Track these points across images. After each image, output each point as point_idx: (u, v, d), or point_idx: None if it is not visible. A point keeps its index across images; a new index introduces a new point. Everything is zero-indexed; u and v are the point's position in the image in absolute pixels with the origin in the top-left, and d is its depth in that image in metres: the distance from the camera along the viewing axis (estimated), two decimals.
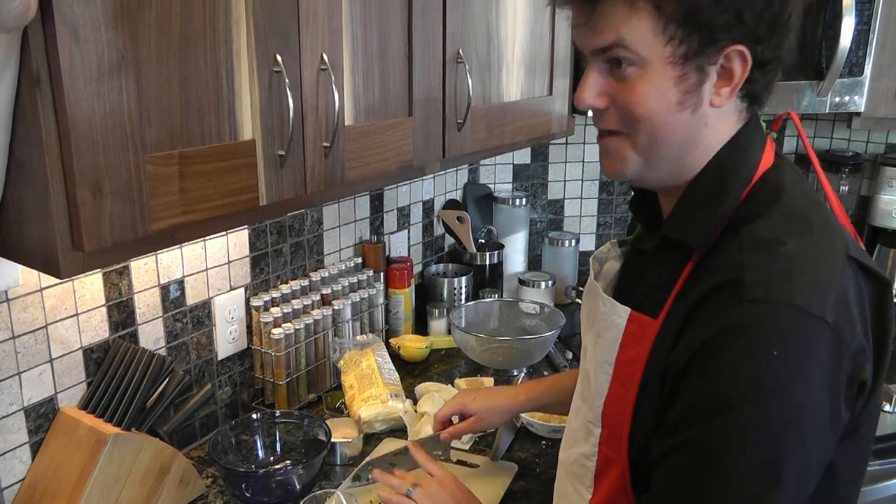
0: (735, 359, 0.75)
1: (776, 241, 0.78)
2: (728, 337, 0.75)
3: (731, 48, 0.80)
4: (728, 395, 0.75)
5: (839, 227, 0.84)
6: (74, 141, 0.79)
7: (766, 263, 0.77)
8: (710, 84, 0.83)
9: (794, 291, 0.74)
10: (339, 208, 1.84)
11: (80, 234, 0.82)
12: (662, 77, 0.81)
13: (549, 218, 2.51)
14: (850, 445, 0.83)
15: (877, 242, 2.34)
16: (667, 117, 0.83)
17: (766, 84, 0.85)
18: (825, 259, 0.78)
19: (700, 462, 0.77)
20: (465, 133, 1.47)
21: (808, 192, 0.87)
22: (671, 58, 0.80)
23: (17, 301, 1.16)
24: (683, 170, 0.89)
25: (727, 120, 0.87)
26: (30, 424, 1.22)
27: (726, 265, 0.79)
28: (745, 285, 0.75)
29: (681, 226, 0.87)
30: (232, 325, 1.58)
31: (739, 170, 0.86)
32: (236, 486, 1.33)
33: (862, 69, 1.95)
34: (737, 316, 0.75)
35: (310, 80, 1.07)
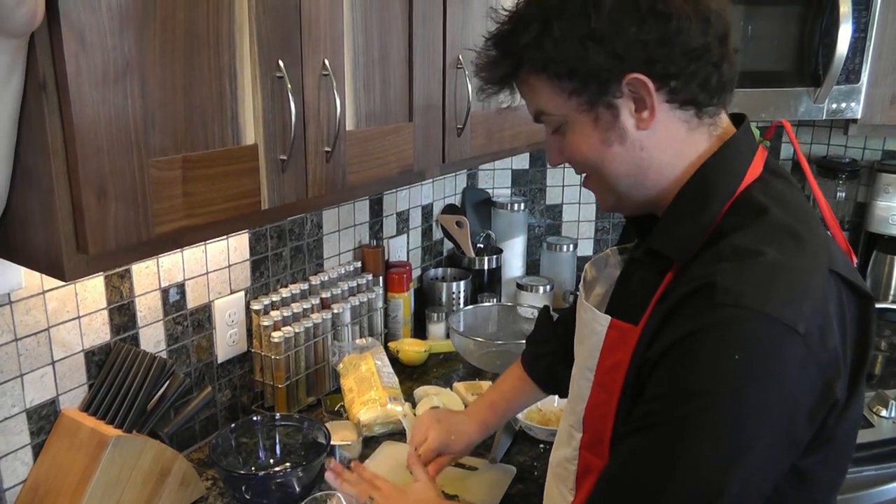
0: (698, 357, 0.76)
1: (754, 251, 0.79)
2: (696, 337, 0.77)
3: (627, 78, 0.83)
4: (685, 389, 0.77)
5: (826, 241, 0.84)
6: (80, 146, 0.80)
7: (741, 271, 0.78)
8: (629, 113, 0.86)
9: (767, 300, 0.75)
10: (339, 213, 1.85)
11: (85, 238, 0.83)
12: (582, 125, 0.89)
13: (548, 223, 2.52)
14: (826, 454, 0.83)
15: (873, 249, 2.36)
16: (599, 156, 0.90)
17: (700, 86, 0.85)
18: (804, 270, 0.79)
19: (651, 447, 0.80)
20: (464, 138, 1.48)
21: (797, 203, 0.87)
22: (580, 107, 0.87)
23: (19, 304, 1.17)
24: (653, 191, 0.91)
25: (671, 134, 0.87)
26: (32, 426, 1.23)
27: (703, 272, 0.80)
28: (717, 290, 0.76)
29: (664, 237, 0.89)
30: (232, 329, 1.58)
31: (721, 182, 0.86)
32: (236, 488, 1.34)
33: (859, 76, 1.96)
34: (706, 318, 0.76)
35: (311, 85, 1.08)
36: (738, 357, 0.74)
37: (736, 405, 0.75)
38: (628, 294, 0.95)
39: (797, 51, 1.95)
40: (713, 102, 0.87)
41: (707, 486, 0.75)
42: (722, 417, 0.75)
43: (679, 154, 0.89)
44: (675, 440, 0.77)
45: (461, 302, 2.16)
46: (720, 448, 0.75)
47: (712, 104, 0.87)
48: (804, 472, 0.83)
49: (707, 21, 0.83)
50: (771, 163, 0.91)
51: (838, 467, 0.89)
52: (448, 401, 1.69)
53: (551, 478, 1.08)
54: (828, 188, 2.42)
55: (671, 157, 0.89)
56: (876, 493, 1.71)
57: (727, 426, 0.75)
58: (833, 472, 0.88)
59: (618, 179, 0.91)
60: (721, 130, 0.90)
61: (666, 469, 0.77)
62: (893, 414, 1.74)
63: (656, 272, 0.88)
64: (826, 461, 0.85)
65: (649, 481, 0.79)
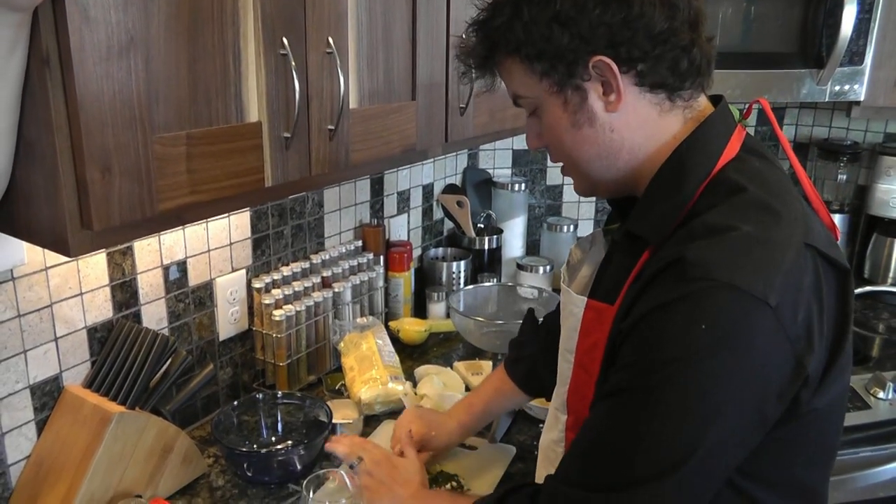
0: (666, 327, 0.78)
1: (726, 227, 0.79)
2: (664, 309, 0.78)
3: (592, 60, 0.85)
4: (652, 359, 0.78)
5: (804, 216, 0.85)
6: (84, 121, 0.79)
7: (712, 246, 0.79)
8: (597, 96, 0.88)
9: (735, 272, 0.76)
10: (340, 191, 1.85)
11: (90, 214, 0.83)
12: (553, 107, 0.91)
13: (548, 203, 2.52)
14: (804, 426, 0.84)
15: (873, 231, 2.36)
16: (570, 138, 0.92)
17: (669, 70, 0.86)
18: (778, 244, 0.79)
19: (621, 413, 0.81)
20: (467, 117, 1.47)
21: (774, 180, 0.87)
22: (550, 89, 0.89)
23: (22, 280, 1.17)
24: (627, 174, 0.93)
25: (641, 116, 0.89)
26: (35, 402, 1.23)
27: (675, 250, 0.81)
28: (686, 264, 0.77)
29: (640, 219, 0.90)
30: (233, 307, 1.59)
31: (696, 163, 0.87)
32: (238, 465, 1.35)
33: (862, 58, 1.95)
34: (675, 291, 0.78)
35: (315, 63, 1.08)
36: (704, 327, 0.75)
37: (702, 374, 0.76)
38: (608, 276, 0.97)
39: (800, 32, 1.94)
40: (685, 86, 0.88)
41: (673, 453, 0.77)
42: (688, 386, 0.76)
43: (650, 136, 0.90)
44: (642, 407, 0.79)
45: (461, 282, 2.16)
46: (686, 416, 0.76)
47: (684, 88, 0.88)
48: (780, 441, 0.83)
49: (673, 6, 0.84)
50: (749, 142, 0.92)
51: (821, 442, 0.89)
52: (448, 380, 1.70)
53: (541, 461, 1.09)
54: (829, 170, 2.42)
55: (642, 140, 0.90)
56: (872, 474, 1.73)
57: (693, 395, 0.76)
58: (814, 446, 0.88)
59: (590, 162, 0.93)
60: (697, 113, 0.91)
61: (634, 434, 0.79)
62: (890, 395, 1.75)
63: (633, 254, 0.89)
64: (805, 433, 0.85)
65: (618, 445, 0.81)
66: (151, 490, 1.27)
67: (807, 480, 0.90)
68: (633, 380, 0.80)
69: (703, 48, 0.88)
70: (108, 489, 1.20)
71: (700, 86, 0.90)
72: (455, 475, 1.36)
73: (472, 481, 1.36)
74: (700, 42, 0.87)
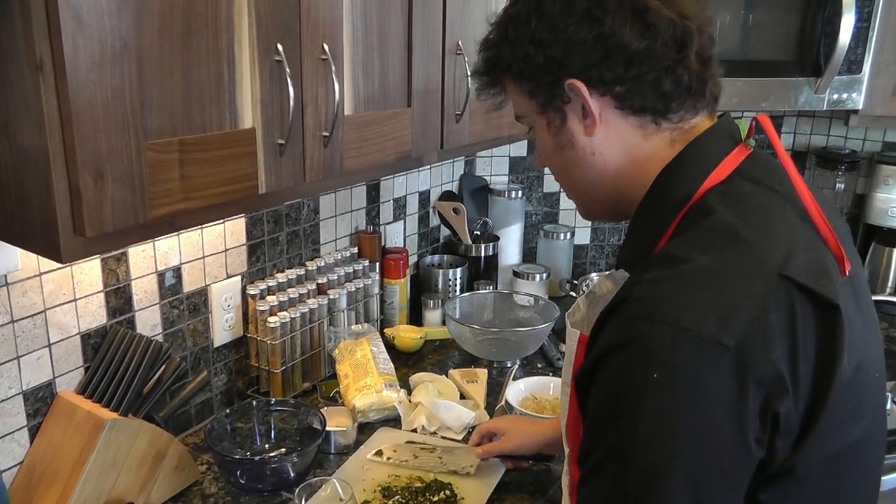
0: (616, 376, 0.73)
1: (681, 259, 0.74)
2: (610, 356, 0.73)
3: (567, 83, 0.84)
4: (609, 418, 0.73)
5: (786, 243, 0.76)
6: (77, 126, 0.79)
7: (660, 281, 0.73)
8: (577, 119, 0.87)
9: (683, 311, 0.69)
10: (336, 198, 1.84)
11: (82, 220, 0.83)
12: (541, 129, 0.92)
13: (545, 210, 2.52)
14: (789, 489, 0.75)
15: (871, 241, 2.36)
16: (556, 160, 0.92)
17: (652, 92, 0.83)
18: (741, 276, 0.72)
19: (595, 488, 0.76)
20: (463, 124, 1.47)
21: (761, 206, 0.80)
22: (537, 109, 0.90)
23: (16, 285, 1.17)
24: (617, 198, 0.91)
25: (623, 140, 0.86)
26: (28, 408, 1.23)
27: (630, 283, 0.77)
28: (632, 302, 0.73)
29: (626, 249, 0.89)
30: (228, 313, 1.58)
31: (675, 188, 0.83)
32: (231, 472, 1.34)
33: (861, 66, 1.95)
34: (621, 334, 0.73)
35: (310, 69, 1.08)
36: (655, 376, 0.69)
37: (660, 432, 0.69)
38: None
39: (798, 40, 1.94)
40: (672, 108, 0.84)
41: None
42: (646, 447, 0.70)
43: (635, 160, 0.87)
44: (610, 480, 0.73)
45: (457, 289, 2.16)
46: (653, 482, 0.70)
47: (671, 110, 0.84)
48: None
49: (650, 26, 0.81)
50: (747, 165, 0.85)
51: None
52: (443, 388, 1.70)
53: (564, 490, 1.07)
54: (827, 179, 2.42)
55: (626, 164, 0.88)
56: None
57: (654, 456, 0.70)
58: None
59: (578, 184, 0.93)
60: (688, 134, 0.86)
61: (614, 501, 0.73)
62: (889, 406, 1.74)
63: None
64: (789, 497, 0.76)
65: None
66: (144, 497, 1.26)
67: None
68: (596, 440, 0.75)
69: (693, 67, 0.83)
70: (101, 496, 1.19)
71: (693, 107, 0.86)
72: (449, 483, 1.36)
73: (466, 490, 1.35)
74: (688, 62, 0.82)
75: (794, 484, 0.75)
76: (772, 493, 0.74)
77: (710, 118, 0.89)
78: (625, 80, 0.82)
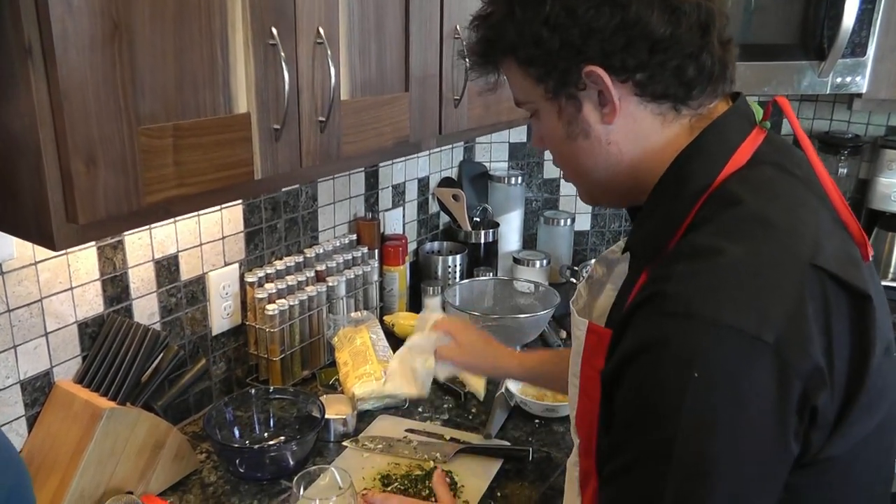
0: (653, 377, 0.70)
1: (713, 250, 0.71)
2: (646, 353, 0.71)
3: (585, 69, 0.79)
4: (646, 420, 0.71)
5: (817, 232, 0.75)
6: (67, 112, 0.78)
7: (695, 274, 0.71)
8: (592, 107, 0.82)
9: (721, 306, 0.67)
10: (334, 185, 1.83)
11: (75, 207, 0.81)
12: (549, 115, 0.86)
13: (545, 197, 2.50)
14: (821, 475, 0.75)
15: (874, 226, 2.35)
16: (565, 149, 0.88)
17: (674, 78, 0.79)
18: (774, 268, 0.70)
19: (628, 488, 0.74)
20: (461, 109, 1.46)
21: (785, 191, 0.78)
22: (546, 95, 0.85)
23: (11, 274, 1.16)
24: (630, 186, 0.87)
25: (641, 129, 0.83)
26: (26, 398, 1.22)
27: (658, 276, 0.74)
28: (666, 298, 0.70)
29: (636, 234, 0.86)
30: (226, 301, 1.57)
31: (694, 174, 0.80)
32: (230, 461, 1.34)
33: (865, 50, 1.93)
34: (654, 331, 0.70)
35: (305, 53, 1.06)
36: (696, 375, 0.67)
37: (702, 436, 0.68)
38: (620, 295, 0.91)
39: (802, 23, 1.92)
40: (693, 95, 0.81)
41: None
42: (687, 448, 0.68)
43: (652, 150, 0.84)
44: (645, 480, 0.71)
45: (457, 276, 2.15)
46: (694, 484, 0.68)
47: (692, 97, 0.81)
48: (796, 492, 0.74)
49: (676, 10, 0.77)
50: (765, 149, 0.82)
51: (847, 491, 0.78)
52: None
53: (567, 480, 1.05)
54: (829, 164, 2.40)
55: (642, 153, 0.84)
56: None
57: (694, 457, 0.68)
58: (838, 496, 0.78)
59: (587, 174, 0.89)
60: (706, 119, 0.83)
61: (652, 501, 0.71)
62: None
63: (635, 272, 0.84)
64: (822, 484, 0.75)
65: None
66: (143, 486, 1.26)
67: None
68: (630, 449, 0.73)
69: (716, 52, 0.80)
70: (99, 485, 1.19)
71: (713, 92, 0.83)
72: (449, 471, 1.35)
73: (466, 477, 1.35)
74: (711, 47, 0.79)
75: (821, 470, 0.74)
76: (797, 477, 0.73)
77: (725, 100, 0.86)
78: (647, 67, 0.78)
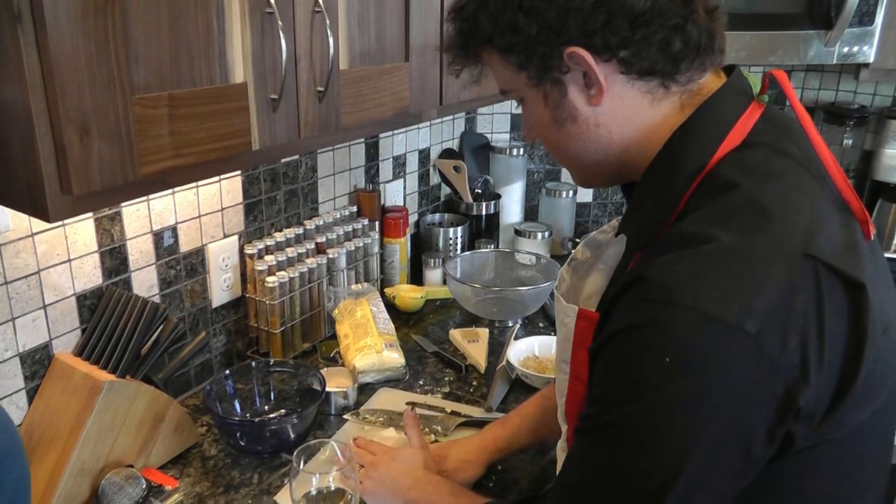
0: (630, 356, 0.70)
1: (703, 237, 0.70)
2: (627, 335, 0.71)
3: (567, 51, 0.78)
4: (618, 390, 0.72)
5: (810, 218, 0.73)
6: (59, 81, 0.76)
7: (678, 261, 0.70)
8: (578, 89, 0.81)
9: (702, 294, 0.66)
10: (334, 156, 1.81)
11: (69, 177, 0.80)
12: (535, 102, 0.85)
13: (547, 168, 2.48)
14: (813, 461, 0.74)
15: (878, 197, 2.33)
16: (554, 135, 0.86)
17: (661, 53, 0.77)
18: (763, 258, 0.69)
19: (590, 452, 0.76)
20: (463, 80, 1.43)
21: (779, 174, 0.76)
22: (530, 82, 0.83)
23: (8, 246, 1.15)
24: (621, 166, 0.86)
25: (630, 108, 0.81)
26: (25, 370, 1.22)
27: (645, 262, 0.73)
28: (648, 284, 0.70)
29: (629, 220, 0.84)
30: (226, 273, 1.56)
31: (687, 157, 0.78)
32: (231, 434, 1.33)
33: (873, 18, 1.89)
34: (637, 315, 0.70)
35: (303, 22, 1.04)
36: (668, 359, 0.66)
37: (669, 410, 0.68)
38: (615, 278, 0.90)
39: None
40: (681, 69, 0.79)
41: (645, 494, 0.70)
42: (655, 422, 0.68)
43: (642, 128, 0.82)
44: (610, 444, 0.73)
45: (458, 248, 2.14)
46: (657, 453, 0.69)
47: (680, 71, 0.79)
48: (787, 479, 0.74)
49: None
50: (762, 126, 0.80)
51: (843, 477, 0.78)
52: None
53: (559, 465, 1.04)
54: (834, 135, 2.37)
55: (632, 132, 0.82)
56: None
57: (662, 431, 0.68)
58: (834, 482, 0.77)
59: (578, 157, 0.87)
60: (697, 97, 0.81)
61: (605, 473, 0.73)
62: None
63: (628, 254, 0.83)
64: (813, 470, 0.75)
65: (592, 485, 0.75)
66: (143, 460, 1.26)
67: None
68: (602, 415, 0.73)
69: (702, 22, 0.78)
70: (99, 458, 1.19)
71: (702, 65, 0.80)
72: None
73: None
74: (696, 16, 0.77)
75: (817, 455, 0.73)
76: (793, 464, 0.73)
77: (717, 74, 0.84)
78: (630, 44, 0.76)
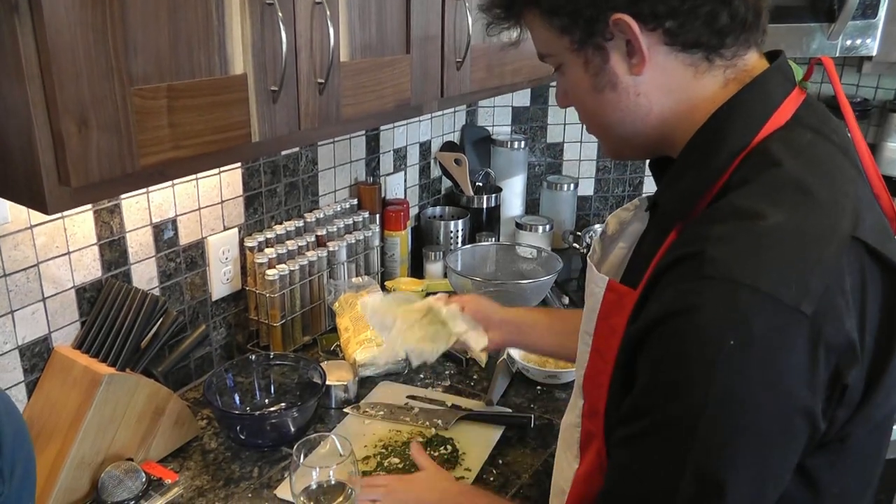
0: (685, 344, 0.68)
1: (755, 213, 0.69)
2: (680, 317, 0.68)
3: (613, 18, 0.77)
4: (675, 385, 0.68)
5: (854, 202, 0.72)
6: (56, 72, 0.75)
7: (736, 237, 0.68)
8: (620, 57, 0.79)
9: (761, 273, 0.65)
10: (335, 148, 1.80)
11: (67, 169, 0.79)
12: (575, 67, 0.84)
13: (548, 161, 2.48)
14: (836, 456, 0.73)
15: None
16: (592, 101, 0.85)
17: (706, 26, 0.76)
18: (816, 238, 0.68)
19: (644, 457, 0.73)
20: (464, 72, 1.43)
21: (824, 157, 0.75)
22: (571, 46, 0.82)
23: (7, 238, 1.14)
24: (657, 139, 0.85)
25: (672, 79, 0.80)
26: (25, 363, 1.21)
27: (695, 236, 0.71)
28: (705, 260, 0.67)
29: (667, 190, 0.83)
30: (226, 266, 1.56)
31: (734, 132, 0.77)
32: (231, 428, 1.33)
33: (876, 11, 1.88)
34: (691, 294, 0.67)
35: (304, 13, 1.03)
36: (732, 343, 0.64)
37: (732, 405, 0.66)
38: (641, 253, 0.88)
39: None
40: (726, 44, 0.78)
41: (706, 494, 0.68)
42: (716, 417, 0.66)
43: (683, 100, 0.81)
44: (667, 447, 0.70)
45: (459, 241, 2.13)
46: (720, 455, 0.67)
47: (725, 46, 0.78)
48: (811, 475, 0.73)
49: None
50: (805, 110, 0.80)
51: (857, 474, 0.78)
52: None
53: (560, 442, 1.04)
54: None
55: (673, 104, 0.81)
56: None
57: (722, 426, 0.66)
58: (851, 479, 0.77)
59: (614, 126, 0.86)
60: (741, 73, 0.80)
61: (661, 480, 0.70)
62: None
63: (663, 230, 0.81)
64: (837, 465, 0.74)
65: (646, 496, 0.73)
66: (143, 453, 1.26)
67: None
68: (652, 413, 0.71)
69: None
70: (99, 452, 1.19)
71: (746, 42, 0.79)
72: (450, 438, 1.35)
73: (468, 445, 1.35)
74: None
75: (840, 451, 0.73)
76: (817, 459, 0.72)
77: (759, 56, 0.83)
78: (678, 14, 0.75)
